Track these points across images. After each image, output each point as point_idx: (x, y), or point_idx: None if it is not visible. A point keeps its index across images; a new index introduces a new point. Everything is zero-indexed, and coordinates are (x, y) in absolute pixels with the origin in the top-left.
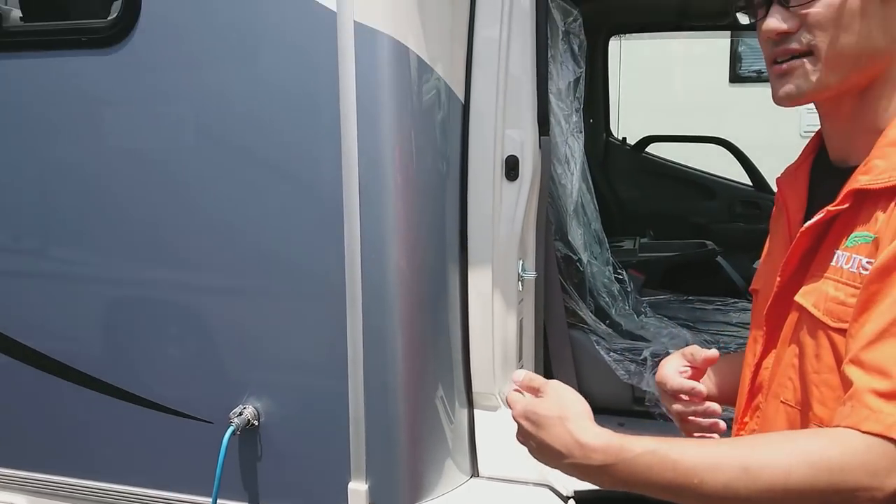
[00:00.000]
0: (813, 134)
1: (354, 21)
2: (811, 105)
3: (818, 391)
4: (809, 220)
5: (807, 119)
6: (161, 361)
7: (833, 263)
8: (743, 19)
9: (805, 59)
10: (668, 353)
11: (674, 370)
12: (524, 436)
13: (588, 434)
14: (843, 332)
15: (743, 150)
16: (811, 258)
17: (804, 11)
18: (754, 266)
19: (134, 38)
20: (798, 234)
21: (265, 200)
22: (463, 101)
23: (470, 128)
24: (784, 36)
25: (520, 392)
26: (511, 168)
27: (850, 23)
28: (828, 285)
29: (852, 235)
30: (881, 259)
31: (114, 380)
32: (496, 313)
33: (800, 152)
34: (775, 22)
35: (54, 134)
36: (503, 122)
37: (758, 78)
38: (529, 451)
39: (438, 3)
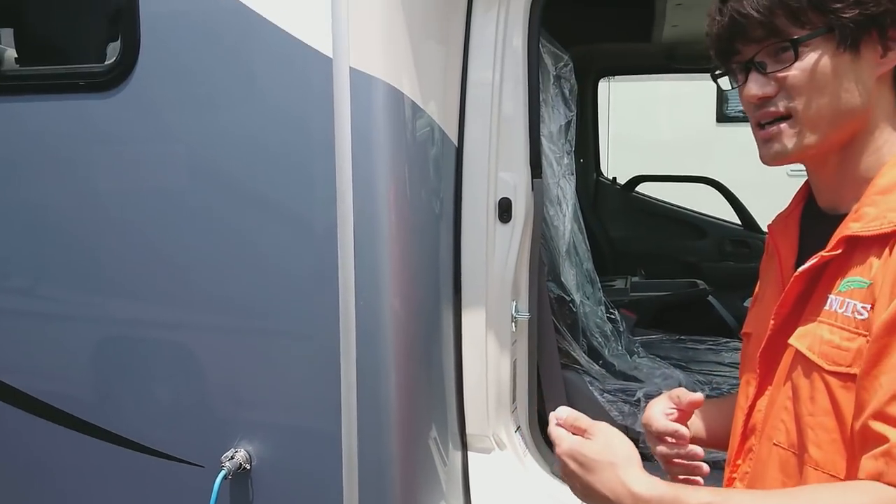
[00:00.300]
0: (799, 173)
1: (350, 67)
2: None
3: (813, 434)
4: (801, 265)
5: None
6: (151, 403)
7: (827, 308)
8: (724, 84)
9: (786, 123)
10: (661, 394)
11: (660, 412)
12: (569, 476)
13: (641, 484)
14: (838, 375)
15: (731, 188)
16: (805, 302)
17: (780, 76)
18: (745, 304)
19: (132, 82)
20: (792, 279)
21: (259, 241)
22: (456, 144)
23: (463, 170)
24: (764, 100)
25: (563, 427)
26: (504, 210)
27: (824, 84)
28: (822, 329)
29: (845, 280)
30: (889, 311)
31: (101, 422)
32: (490, 355)
33: (791, 198)
34: (755, 88)
35: (45, 175)
36: (496, 164)
37: (744, 118)
38: (572, 489)
39: (432, 47)
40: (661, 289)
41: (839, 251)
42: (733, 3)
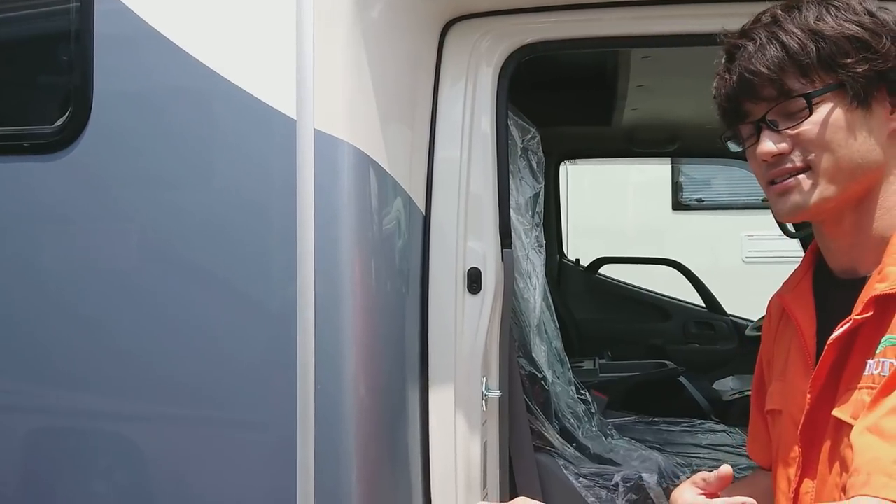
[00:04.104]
0: (755, 261)
1: (314, 129)
2: (753, 232)
3: None
4: (823, 333)
5: (748, 245)
6: (89, 497)
7: (866, 373)
8: (733, 147)
9: (803, 175)
10: (640, 478)
11: (692, 497)
12: None
13: None
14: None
15: None
16: (840, 371)
17: (795, 132)
18: (714, 387)
19: (81, 144)
20: (826, 347)
21: (210, 321)
22: (423, 212)
23: (430, 239)
24: (779, 157)
25: None
26: (473, 281)
27: (840, 138)
28: (863, 395)
29: (882, 341)
30: None
31: None
32: (459, 436)
33: (747, 282)
34: (770, 145)
35: None
36: (465, 234)
37: (699, 206)
38: None
39: (399, 122)
40: (631, 370)
41: (870, 313)
42: (742, 61)
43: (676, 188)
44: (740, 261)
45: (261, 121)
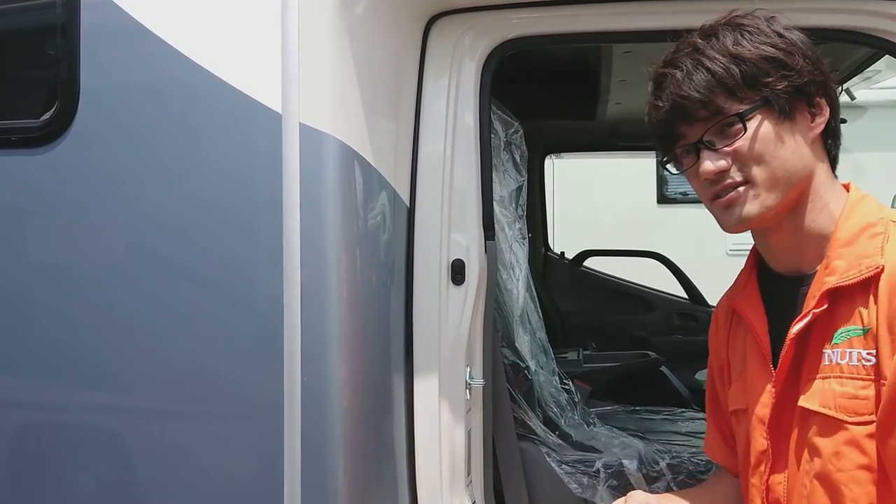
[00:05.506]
0: (739, 252)
1: (300, 123)
2: None
3: (847, 489)
4: (774, 329)
5: (732, 238)
6: (76, 491)
7: (826, 363)
8: (673, 170)
9: (744, 188)
10: (620, 464)
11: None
12: None
13: None
14: (864, 425)
15: None
16: (799, 364)
17: (731, 149)
18: (696, 377)
19: (68, 139)
20: (787, 342)
21: (197, 314)
22: (408, 205)
23: (415, 231)
24: (720, 174)
25: None
26: (457, 272)
27: (772, 149)
28: (831, 384)
29: (838, 332)
30: None
31: None
32: (443, 424)
33: (728, 274)
34: (711, 164)
35: None
36: (448, 226)
37: (684, 199)
38: None
39: (383, 116)
40: (614, 360)
41: (825, 306)
42: (672, 88)
43: (661, 182)
44: (724, 253)
45: (247, 115)
